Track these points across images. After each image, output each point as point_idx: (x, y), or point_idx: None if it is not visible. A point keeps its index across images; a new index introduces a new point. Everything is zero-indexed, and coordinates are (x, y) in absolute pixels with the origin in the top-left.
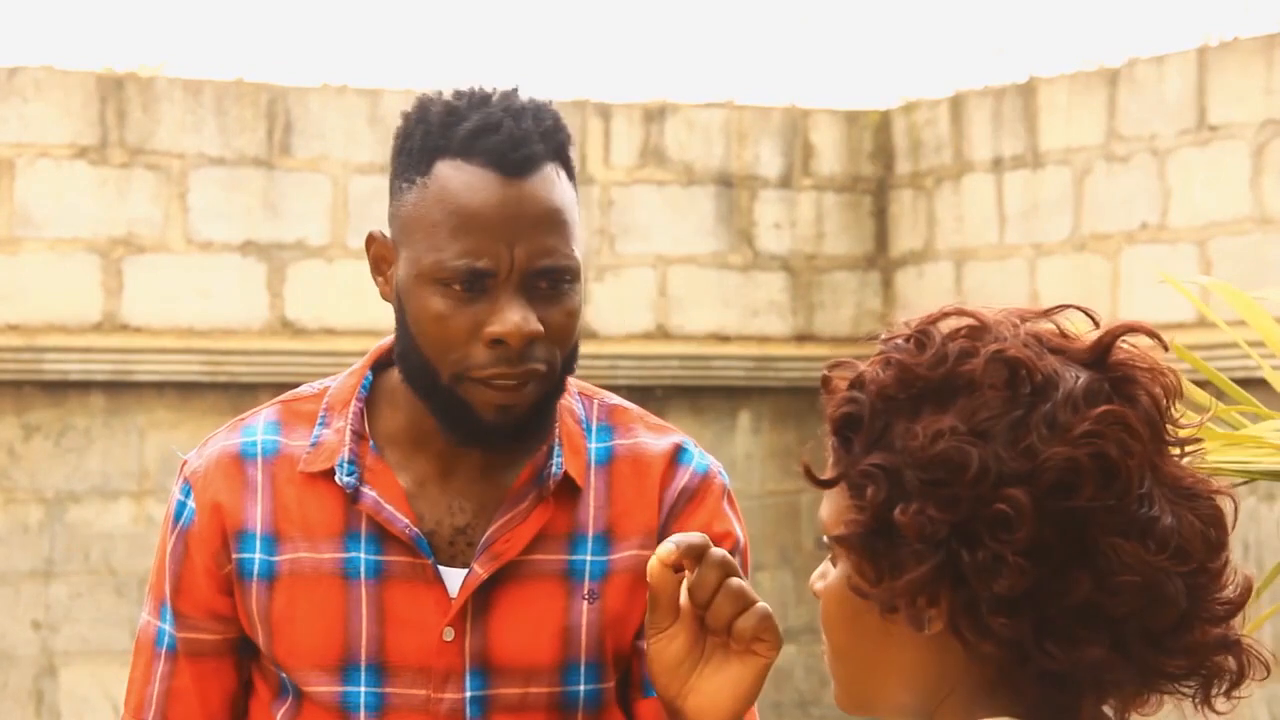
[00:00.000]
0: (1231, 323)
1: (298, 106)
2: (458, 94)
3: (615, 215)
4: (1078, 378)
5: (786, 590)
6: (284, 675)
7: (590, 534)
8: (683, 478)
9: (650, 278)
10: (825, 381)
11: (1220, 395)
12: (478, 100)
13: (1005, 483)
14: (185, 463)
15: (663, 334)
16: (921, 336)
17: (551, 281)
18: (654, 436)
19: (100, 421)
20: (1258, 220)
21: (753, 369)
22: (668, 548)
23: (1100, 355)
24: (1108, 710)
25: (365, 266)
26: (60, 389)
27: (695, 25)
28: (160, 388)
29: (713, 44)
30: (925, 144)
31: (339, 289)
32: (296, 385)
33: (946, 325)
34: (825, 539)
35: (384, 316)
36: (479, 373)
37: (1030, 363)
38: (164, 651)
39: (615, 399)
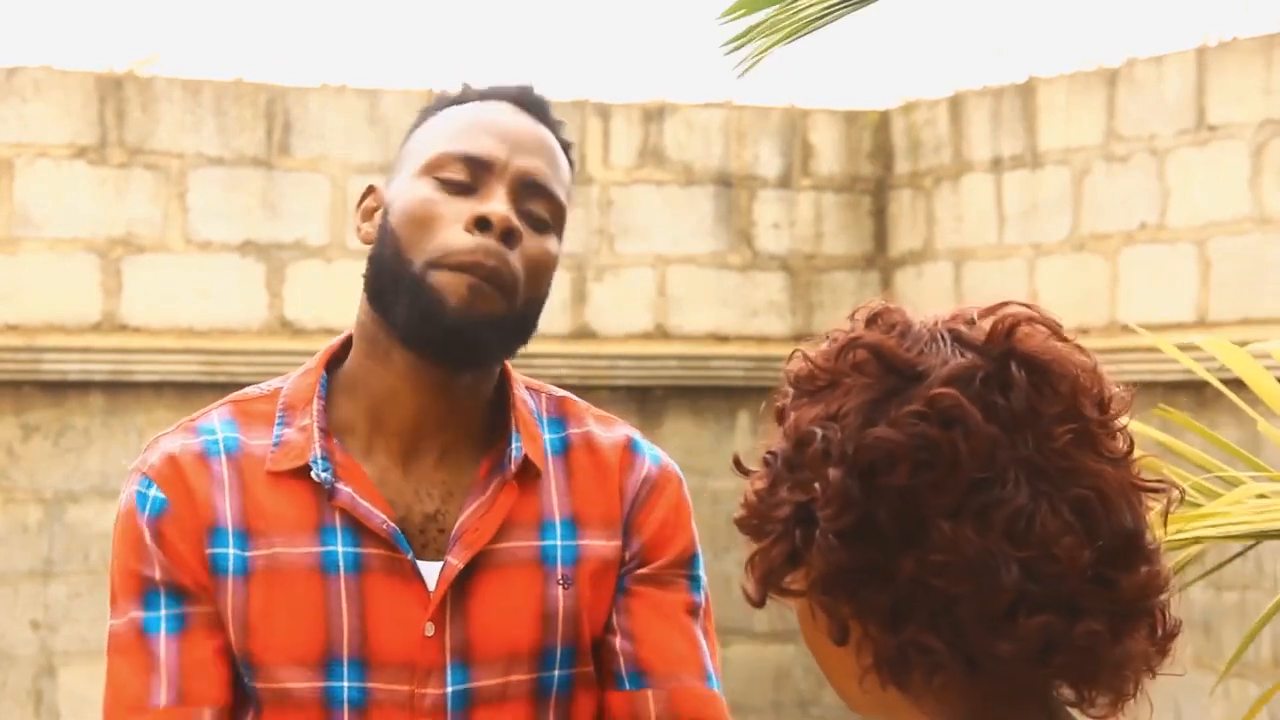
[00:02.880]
0: (1227, 380)
1: (297, 106)
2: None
3: (614, 215)
4: (945, 363)
5: None
6: (248, 681)
7: (557, 520)
8: (641, 468)
9: (649, 278)
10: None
11: (1201, 402)
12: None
13: (830, 463)
14: (134, 464)
15: (662, 334)
16: (833, 333)
17: (538, 205)
18: (604, 428)
19: (99, 421)
20: (1257, 220)
21: (752, 369)
22: None
23: (993, 343)
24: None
25: (364, 267)
26: (59, 389)
27: (694, 25)
28: (159, 388)
29: (711, 44)
30: (924, 144)
31: (338, 289)
32: None
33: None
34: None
35: None
36: (455, 258)
37: (891, 351)
38: (163, 635)
39: (561, 391)
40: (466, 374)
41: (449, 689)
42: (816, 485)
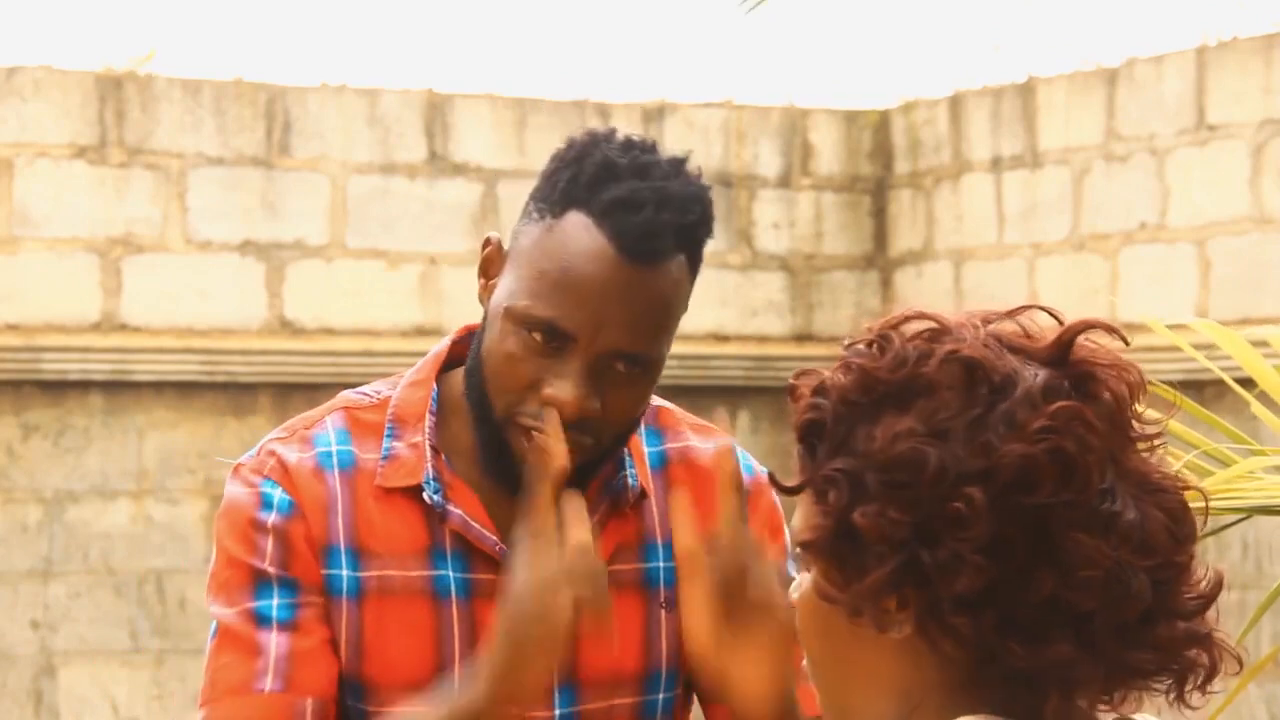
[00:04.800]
0: (1229, 368)
1: (296, 106)
2: (626, 147)
3: None
4: (1036, 375)
5: None
6: (351, 702)
7: (660, 541)
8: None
9: None
10: (791, 390)
11: (1200, 401)
12: (638, 167)
13: (963, 481)
14: (240, 466)
15: None
16: (882, 340)
17: (626, 367)
18: (701, 439)
19: (99, 421)
20: (1256, 220)
21: (751, 369)
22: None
23: (1061, 353)
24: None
25: (364, 266)
26: (59, 389)
27: (694, 25)
28: (159, 387)
29: (712, 44)
30: (924, 144)
31: (338, 289)
32: (295, 385)
33: (909, 329)
34: (795, 548)
35: (382, 317)
36: (527, 420)
37: (988, 362)
38: (276, 625)
39: (658, 399)
40: None
41: (556, 711)
42: (957, 504)
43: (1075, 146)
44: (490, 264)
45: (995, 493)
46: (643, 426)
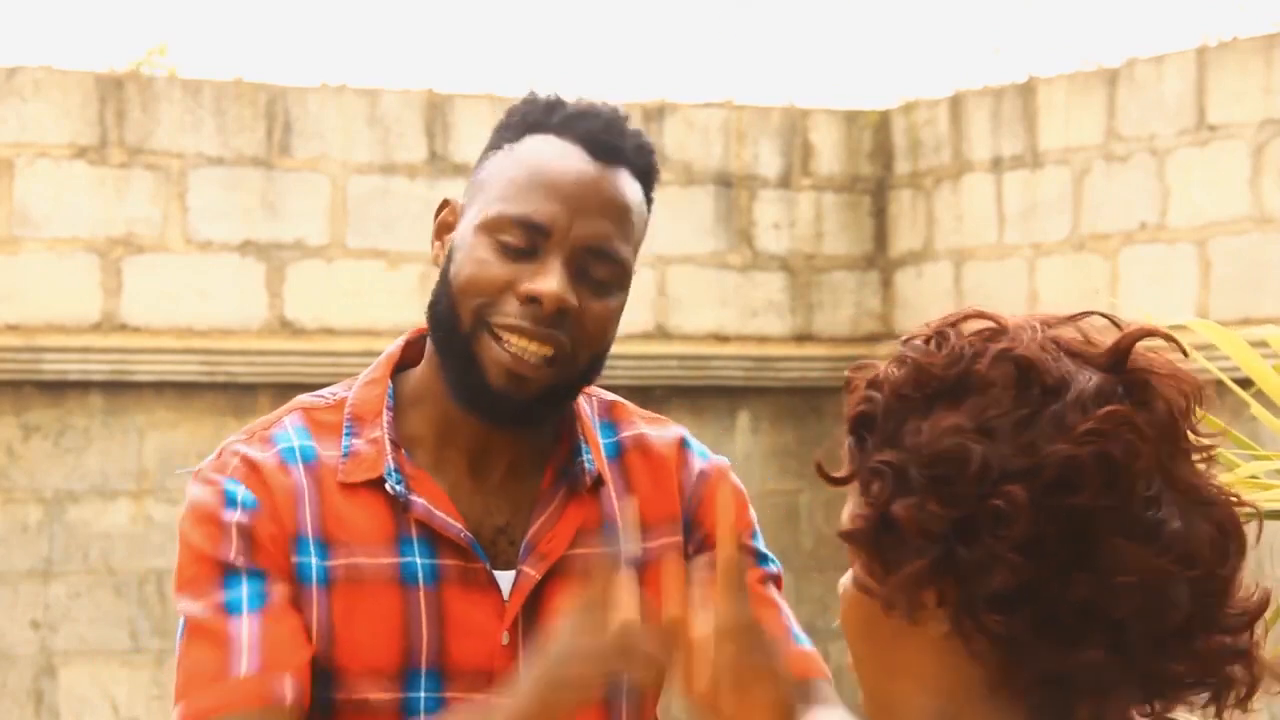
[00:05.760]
0: (1228, 369)
1: (297, 106)
2: (570, 95)
3: None
4: (1090, 379)
5: (786, 590)
6: (320, 693)
7: (620, 525)
8: (695, 464)
9: (649, 277)
10: (848, 382)
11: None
12: (586, 101)
13: (1005, 479)
14: (200, 470)
15: (662, 334)
16: (939, 337)
17: (600, 270)
18: (654, 428)
19: (99, 421)
20: (1257, 220)
21: (752, 369)
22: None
23: (1118, 359)
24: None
25: (364, 266)
26: (59, 389)
27: (695, 25)
28: (159, 387)
29: (712, 44)
30: (924, 144)
31: (338, 289)
32: (295, 385)
33: (968, 327)
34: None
35: (383, 317)
36: (501, 319)
37: (1041, 363)
38: (248, 613)
39: (609, 395)
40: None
41: None
42: (997, 501)
43: (1075, 146)
44: (445, 225)
45: (1037, 492)
46: (596, 419)
